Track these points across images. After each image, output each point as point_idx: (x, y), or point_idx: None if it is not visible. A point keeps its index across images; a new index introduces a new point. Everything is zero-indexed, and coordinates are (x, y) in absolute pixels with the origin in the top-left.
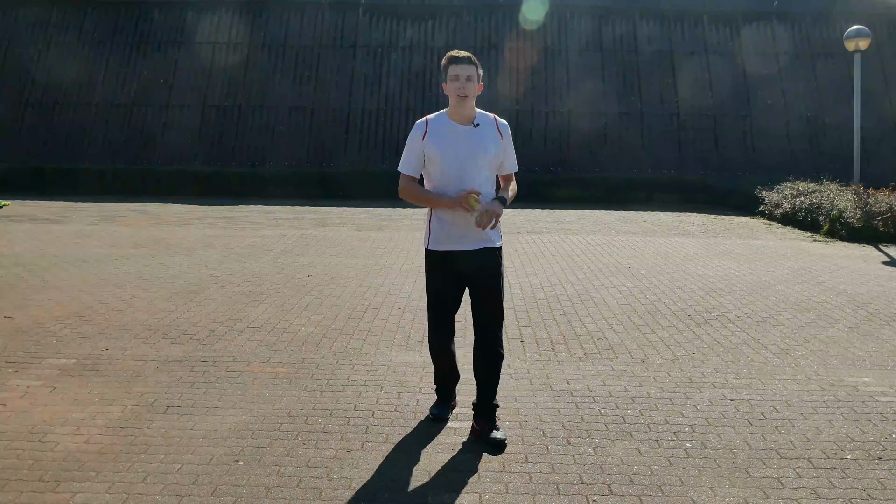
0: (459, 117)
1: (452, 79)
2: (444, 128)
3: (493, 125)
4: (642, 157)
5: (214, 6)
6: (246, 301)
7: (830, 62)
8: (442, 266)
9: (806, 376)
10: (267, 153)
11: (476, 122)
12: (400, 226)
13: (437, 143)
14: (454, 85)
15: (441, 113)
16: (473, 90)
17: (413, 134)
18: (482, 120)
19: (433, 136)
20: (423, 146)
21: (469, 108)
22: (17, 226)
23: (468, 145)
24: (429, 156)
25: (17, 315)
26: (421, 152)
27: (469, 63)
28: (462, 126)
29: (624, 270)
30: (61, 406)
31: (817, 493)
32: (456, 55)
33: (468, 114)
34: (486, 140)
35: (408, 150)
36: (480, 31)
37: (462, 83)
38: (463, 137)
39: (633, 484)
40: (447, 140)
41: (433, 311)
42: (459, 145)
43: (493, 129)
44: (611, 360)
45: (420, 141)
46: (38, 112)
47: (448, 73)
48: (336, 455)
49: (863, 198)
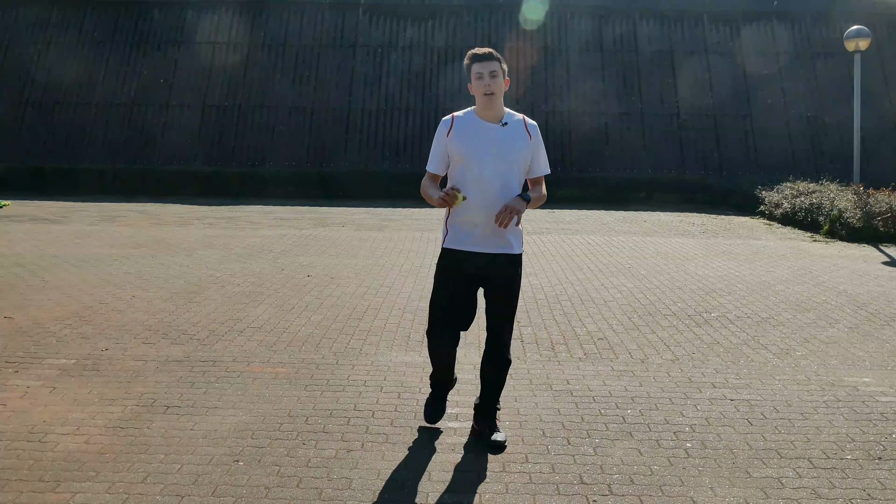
0: (487, 115)
1: (476, 77)
2: (471, 125)
3: (521, 125)
4: (642, 157)
5: (214, 6)
6: (246, 301)
7: (830, 62)
8: (456, 266)
9: (806, 376)
10: (267, 153)
11: (504, 122)
12: (400, 226)
13: (461, 140)
14: (479, 84)
15: (469, 110)
16: (499, 87)
17: (439, 130)
18: (510, 119)
19: (458, 133)
20: (447, 143)
21: (497, 106)
22: (17, 226)
23: (495, 144)
24: (452, 153)
25: (17, 315)
26: (445, 149)
27: (491, 59)
28: (489, 124)
29: (624, 270)
30: (61, 406)
31: (817, 493)
32: (477, 52)
33: (496, 112)
34: (514, 140)
35: (433, 147)
36: (480, 31)
37: (487, 80)
38: (490, 136)
39: (633, 484)
40: (473, 138)
41: (440, 310)
42: (485, 144)
43: (521, 129)
44: (611, 360)
45: (444, 137)
46: (38, 112)
47: (472, 72)
48: (336, 455)
49: (863, 198)
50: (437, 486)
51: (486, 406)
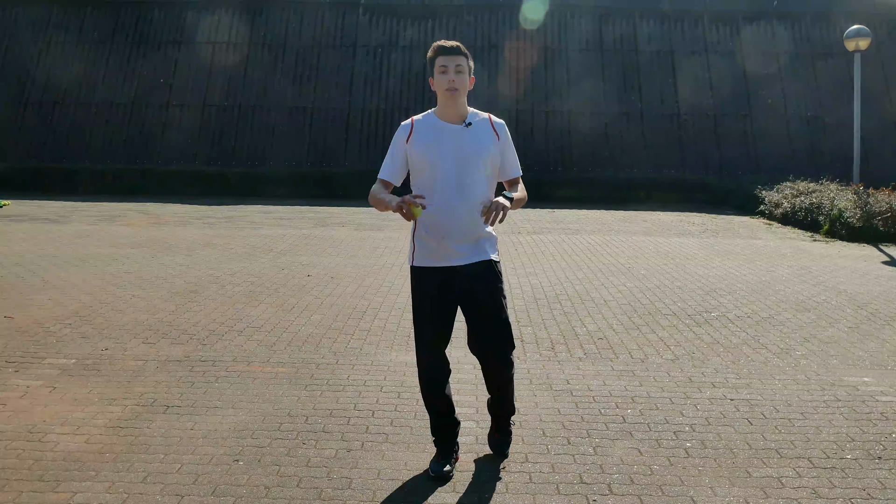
0: (449, 116)
1: (440, 71)
2: (432, 128)
3: (487, 125)
4: (642, 157)
5: (214, 6)
6: (246, 301)
7: (830, 62)
8: (430, 285)
9: (806, 376)
10: (267, 153)
11: (468, 122)
12: (400, 226)
13: (423, 145)
14: (442, 78)
15: (429, 112)
16: (464, 84)
17: (397, 136)
18: (475, 119)
19: (419, 138)
20: (406, 149)
21: (460, 104)
22: (17, 226)
23: (459, 147)
24: (413, 160)
25: (17, 315)
26: (403, 156)
27: (458, 53)
28: (452, 125)
29: (624, 270)
30: (61, 406)
31: (817, 492)
32: (443, 44)
33: (459, 111)
34: (479, 141)
35: (389, 153)
36: (480, 31)
37: (451, 76)
38: (453, 138)
39: (633, 484)
40: (435, 142)
41: (422, 341)
42: (448, 147)
43: (487, 129)
44: (611, 360)
45: (403, 143)
46: (38, 112)
47: (435, 65)
48: (336, 455)
49: (863, 198)
50: (438, 486)
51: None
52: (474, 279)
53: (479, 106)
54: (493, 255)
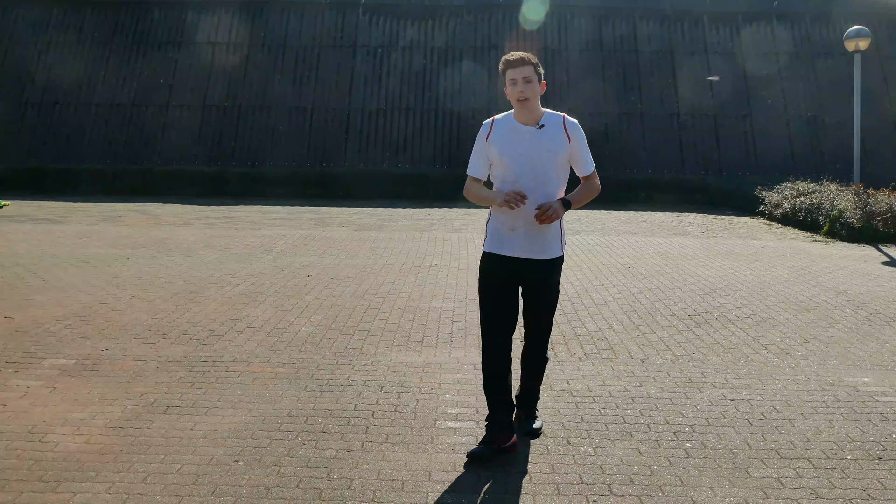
0: (524, 119)
1: (510, 83)
2: (508, 129)
3: (560, 127)
4: (642, 157)
5: (214, 6)
6: (246, 301)
7: (830, 62)
8: (496, 270)
9: (806, 376)
10: (267, 153)
11: (541, 124)
12: (400, 226)
13: (499, 144)
14: (513, 90)
15: (509, 113)
16: (533, 91)
17: (479, 134)
18: (549, 121)
19: (496, 137)
20: (486, 147)
21: (532, 109)
22: (17, 226)
23: (531, 149)
24: (492, 157)
25: (17, 315)
26: (485, 153)
27: (524, 64)
28: (526, 127)
29: (624, 270)
30: (61, 406)
31: (817, 493)
32: (510, 58)
33: (533, 115)
34: (551, 143)
35: (474, 151)
36: (480, 31)
37: (520, 87)
38: (526, 139)
39: (633, 484)
40: (510, 141)
41: (488, 324)
42: (522, 148)
43: (559, 131)
44: (611, 360)
45: (484, 141)
46: (38, 112)
47: (506, 78)
48: (336, 455)
49: (863, 198)
50: (437, 486)
51: (525, 396)
52: (534, 272)
53: (480, 105)
54: (557, 252)
